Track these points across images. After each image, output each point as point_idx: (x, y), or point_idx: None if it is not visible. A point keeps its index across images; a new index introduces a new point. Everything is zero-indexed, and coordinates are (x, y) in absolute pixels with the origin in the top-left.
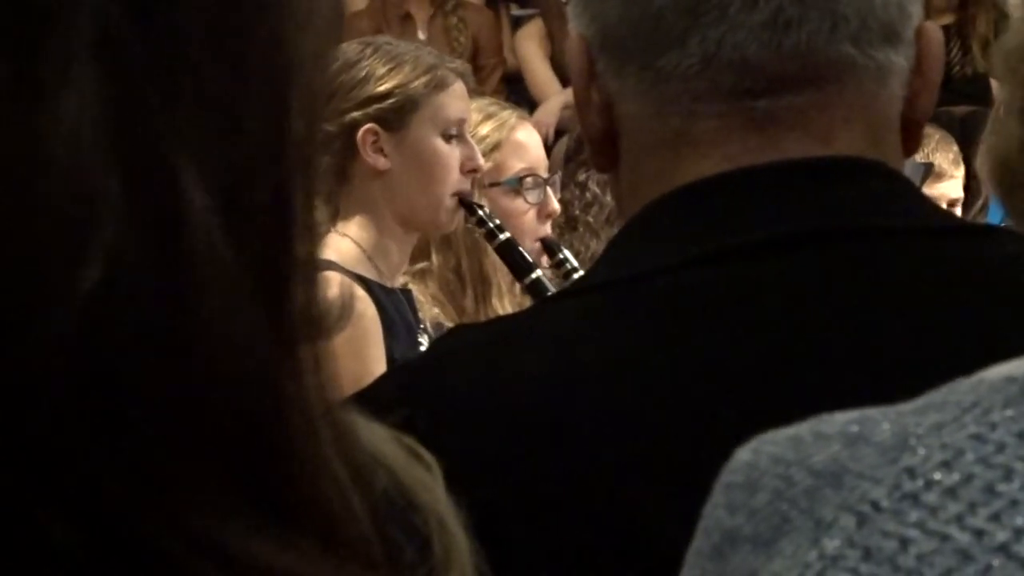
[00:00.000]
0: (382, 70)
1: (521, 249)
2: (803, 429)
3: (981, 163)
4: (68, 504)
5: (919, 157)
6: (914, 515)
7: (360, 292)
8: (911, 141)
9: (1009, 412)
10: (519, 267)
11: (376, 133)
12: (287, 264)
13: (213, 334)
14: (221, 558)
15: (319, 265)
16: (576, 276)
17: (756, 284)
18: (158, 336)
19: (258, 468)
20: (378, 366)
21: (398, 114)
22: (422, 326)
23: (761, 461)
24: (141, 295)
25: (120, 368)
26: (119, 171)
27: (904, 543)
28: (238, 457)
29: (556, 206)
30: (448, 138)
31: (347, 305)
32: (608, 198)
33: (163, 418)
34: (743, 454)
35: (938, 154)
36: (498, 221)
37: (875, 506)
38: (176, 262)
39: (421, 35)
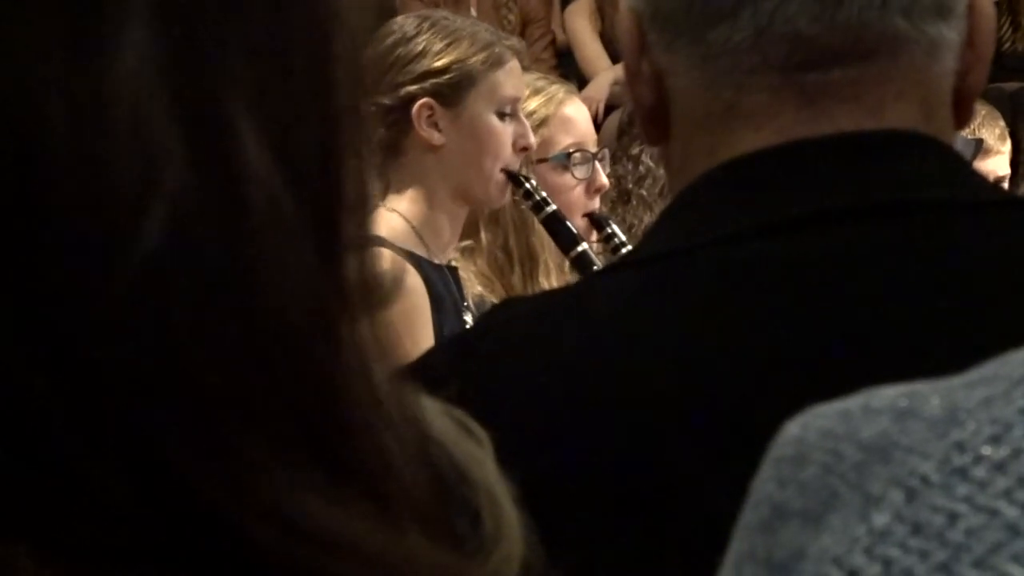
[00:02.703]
0: (439, 45)
1: (567, 222)
2: (852, 403)
3: None
4: (125, 456)
5: (965, 133)
6: (963, 489)
7: (410, 267)
8: (962, 115)
9: None
10: (565, 240)
11: (432, 108)
12: (339, 212)
13: (274, 282)
14: (274, 514)
15: (371, 220)
16: (624, 251)
17: (809, 257)
18: (222, 284)
19: (318, 420)
20: (427, 341)
21: (454, 90)
22: (466, 303)
23: (810, 435)
24: (205, 244)
25: (185, 318)
26: (179, 122)
27: (953, 518)
28: (298, 409)
29: (604, 181)
30: (502, 116)
31: (398, 279)
32: (661, 171)
33: (226, 368)
34: (792, 428)
35: (984, 130)
36: (544, 194)
37: (924, 480)
38: (237, 210)
39: (472, 12)
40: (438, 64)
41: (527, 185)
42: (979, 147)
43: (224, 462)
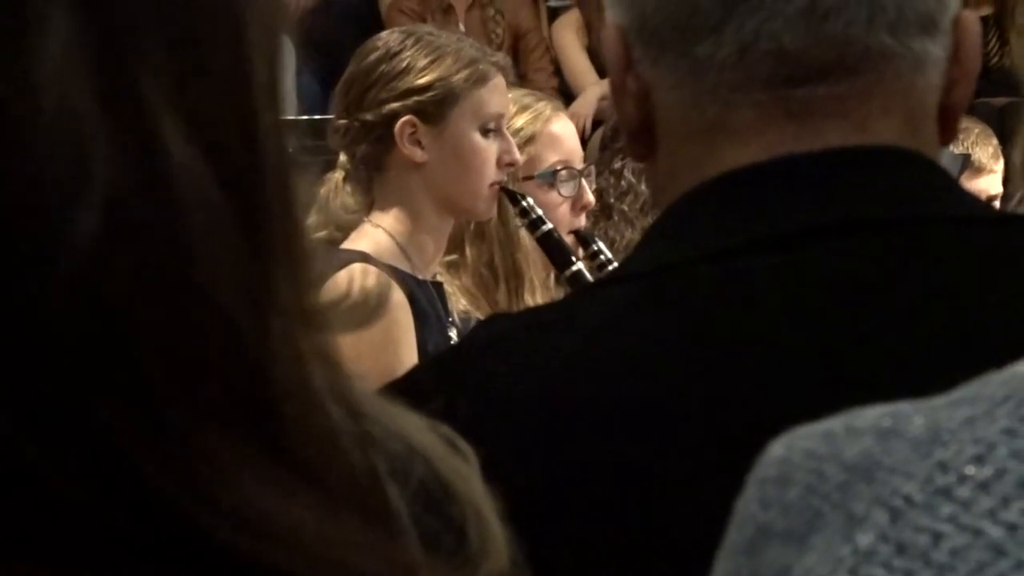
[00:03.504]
0: (423, 62)
1: (563, 240)
2: (836, 423)
3: (1018, 154)
4: (75, 448)
5: (958, 149)
6: (947, 510)
7: (394, 283)
8: (947, 131)
9: None
10: (560, 258)
11: (414, 125)
12: (263, 199)
13: (205, 265)
14: (221, 501)
15: (300, 209)
16: (611, 267)
17: (796, 273)
18: (156, 270)
19: (253, 406)
20: (410, 357)
21: (438, 107)
22: (451, 319)
23: (794, 456)
24: (137, 230)
25: (122, 304)
26: (105, 112)
27: (937, 538)
28: (234, 394)
29: (591, 198)
30: (486, 132)
31: (383, 296)
32: (643, 187)
33: (165, 352)
34: (776, 448)
35: (977, 148)
36: (540, 212)
37: (908, 500)
38: (166, 197)
39: (461, 27)
40: (421, 81)
41: (524, 203)
42: (966, 162)
43: (172, 449)
